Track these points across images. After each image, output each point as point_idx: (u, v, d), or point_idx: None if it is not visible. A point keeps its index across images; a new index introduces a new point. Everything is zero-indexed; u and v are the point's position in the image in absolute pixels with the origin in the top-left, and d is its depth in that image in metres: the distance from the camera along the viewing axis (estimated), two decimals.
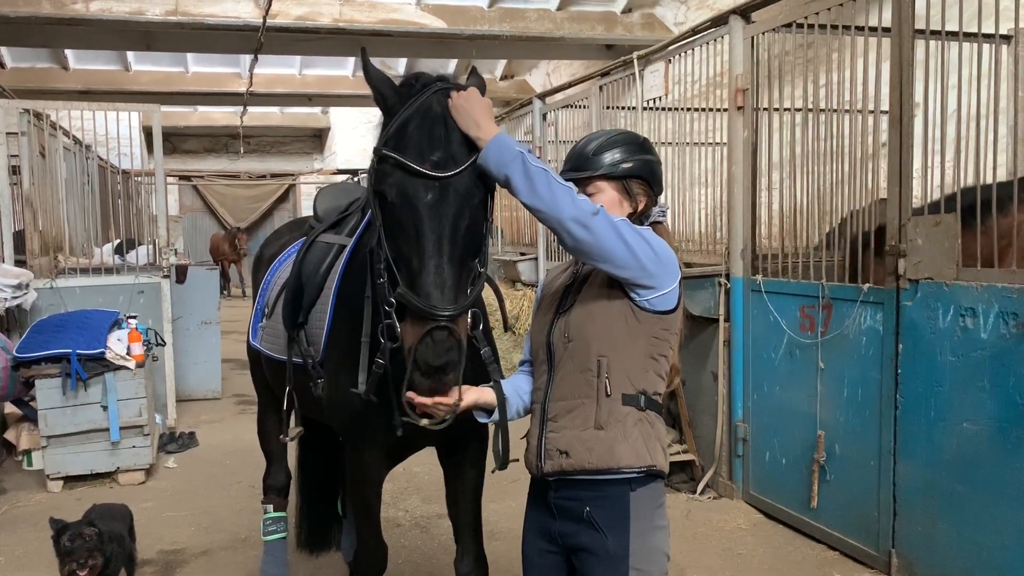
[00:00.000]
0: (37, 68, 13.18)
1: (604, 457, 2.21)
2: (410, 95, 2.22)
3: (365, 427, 2.85)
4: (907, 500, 4.07)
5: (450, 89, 2.23)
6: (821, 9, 4.50)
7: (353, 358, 2.85)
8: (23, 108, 7.09)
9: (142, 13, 9.10)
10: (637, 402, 2.24)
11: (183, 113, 20.38)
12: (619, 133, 2.45)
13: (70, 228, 8.00)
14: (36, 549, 4.70)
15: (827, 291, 4.51)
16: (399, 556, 4.53)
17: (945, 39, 3.98)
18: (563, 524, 2.31)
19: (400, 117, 2.17)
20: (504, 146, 2.08)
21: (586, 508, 2.25)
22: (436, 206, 2.10)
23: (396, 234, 2.16)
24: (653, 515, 2.27)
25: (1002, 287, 3.56)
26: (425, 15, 10.01)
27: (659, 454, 2.27)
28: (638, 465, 2.22)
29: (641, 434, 2.24)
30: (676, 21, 10.29)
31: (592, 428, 2.24)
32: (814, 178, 4.80)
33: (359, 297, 2.85)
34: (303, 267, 3.19)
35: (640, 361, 2.25)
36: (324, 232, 3.31)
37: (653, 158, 2.39)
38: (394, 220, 2.15)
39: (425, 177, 2.10)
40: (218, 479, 6.07)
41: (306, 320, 3.12)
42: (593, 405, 2.24)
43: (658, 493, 2.30)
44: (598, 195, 2.32)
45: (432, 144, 2.13)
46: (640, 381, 2.25)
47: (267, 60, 11.89)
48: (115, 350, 5.91)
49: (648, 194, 2.37)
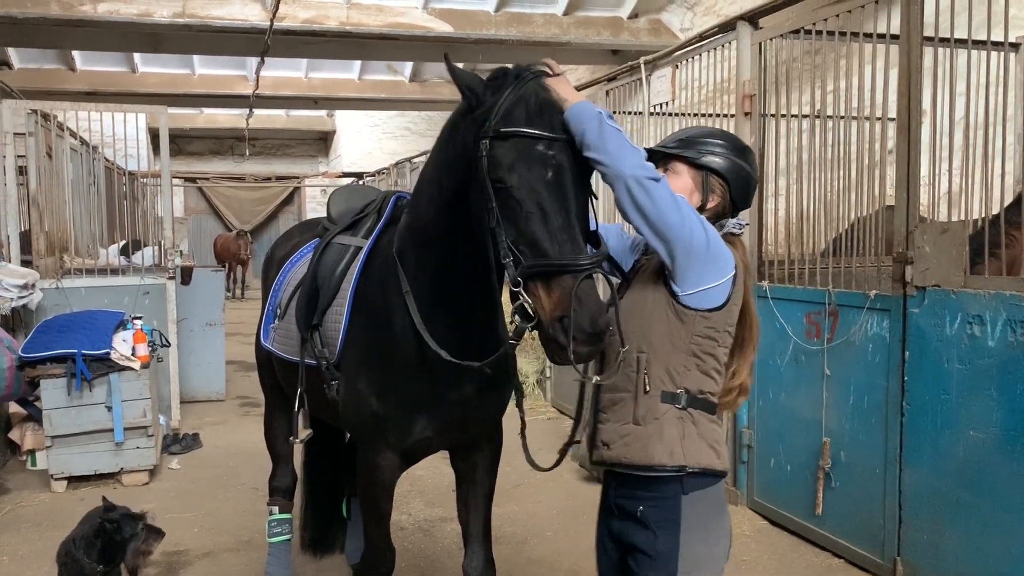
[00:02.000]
0: (44, 69, 13.23)
1: (639, 453, 2.25)
2: (505, 85, 2.26)
3: (381, 430, 2.85)
4: (913, 508, 4.06)
5: (542, 75, 2.29)
6: (829, 16, 4.50)
7: (370, 359, 2.86)
8: (30, 109, 7.11)
9: (149, 15, 9.12)
10: (677, 400, 2.25)
11: (189, 115, 20.43)
12: (727, 133, 2.46)
13: (76, 229, 8.03)
14: (39, 549, 4.70)
15: (833, 298, 4.50)
16: (402, 559, 4.49)
17: (954, 46, 3.97)
18: (621, 523, 2.35)
19: (504, 104, 2.21)
20: (586, 107, 2.14)
21: (640, 507, 2.28)
22: (560, 169, 2.14)
23: (520, 208, 2.13)
24: (708, 522, 2.29)
25: (1010, 295, 3.55)
26: (432, 19, 10.03)
27: (700, 454, 2.26)
28: (671, 464, 2.23)
29: (679, 432, 2.25)
30: (683, 27, 10.29)
31: (631, 423, 2.28)
32: (821, 184, 4.79)
33: (378, 298, 2.86)
34: (319, 268, 3.19)
35: (682, 359, 2.25)
36: (340, 233, 3.30)
37: (747, 166, 2.37)
38: (517, 195, 2.14)
39: (548, 139, 2.14)
40: (222, 481, 6.07)
41: (321, 322, 3.11)
42: (632, 400, 2.27)
43: (714, 496, 2.31)
44: (673, 176, 2.34)
45: (543, 115, 2.17)
46: (682, 379, 2.25)
47: (273, 62, 11.90)
48: (120, 351, 5.91)
49: (725, 198, 2.36)
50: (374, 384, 2.85)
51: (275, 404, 4.10)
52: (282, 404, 4.04)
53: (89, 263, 7.56)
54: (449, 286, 2.63)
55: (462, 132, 2.37)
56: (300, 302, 3.27)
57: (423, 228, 2.65)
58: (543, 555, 4.68)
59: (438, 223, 2.56)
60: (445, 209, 2.50)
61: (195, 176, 22.95)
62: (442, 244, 2.58)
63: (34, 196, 7.16)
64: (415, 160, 13.23)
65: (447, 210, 2.49)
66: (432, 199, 2.58)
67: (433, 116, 20.14)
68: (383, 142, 20.81)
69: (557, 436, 6.70)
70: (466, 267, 2.52)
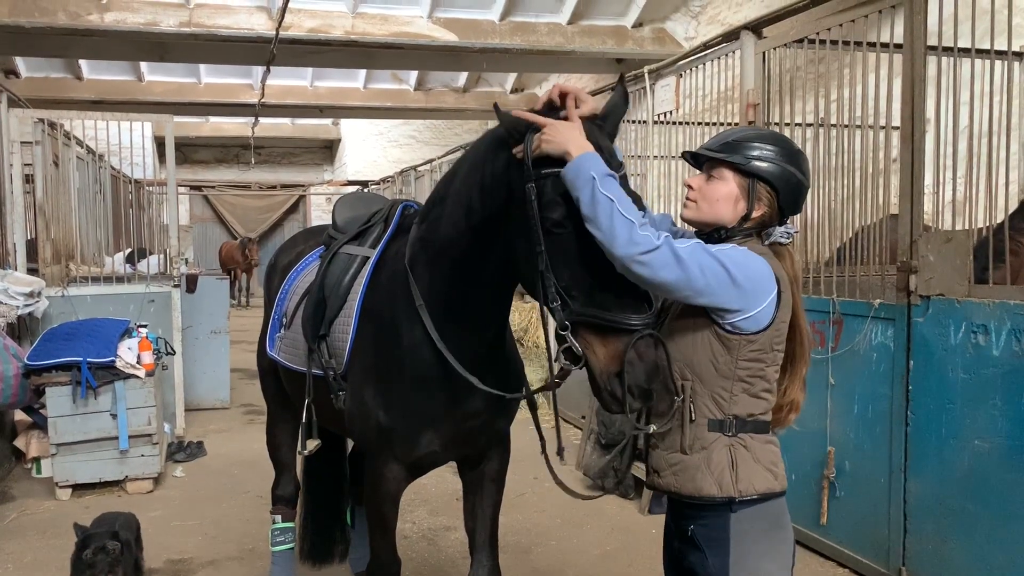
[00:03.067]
0: (51, 78, 13.30)
1: (687, 485, 2.21)
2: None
3: (387, 442, 2.84)
4: (917, 517, 4.04)
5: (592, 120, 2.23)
6: (833, 25, 4.51)
7: (378, 371, 2.86)
8: (37, 118, 7.14)
9: (156, 24, 9.18)
10: (724, 427, 2.18)
11: (195, 123, 20.49)
12: (778, 135, 2.35)
13: (82, 237, 8.06)
14: (44, 557, 4.71)
15: (838, 307, 4.49)
16: (406, 568, 4.48)
17: (957, 55, 3.98)
18: (679, 542, 2.32)
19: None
20: (582, 167, 2.02)
21: (692, 526, 2.24)
22: None
23: (571, 251, 2.08)
24: (762, 538, 2.21)
25: (1014, 304, 3.54)
26: (437, 28, 10.07)
27: (754, 479, 2.19)
28: (720, 496, 2.16)
29: (729, 461, 2.18)
30: (687, 36, 10.32)
31: (678, 452, 2.22)
32: (824, 193, 4.79)
33: (385, 309, 2.86)
34: (326, 278, 3.17)
35: (728, 385, 2.17)
36: (347, 243, 3.29)
37: (797, 172, 2.22)
38: (569, 239, 2.09)
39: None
40: (226, 489, 6.07)
41: (328, 332, 3.09)
42: (679, 429, 2.22)
43: (770, 514, 2.23)
44: (718, 183, 2.23)
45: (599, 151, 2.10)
46: (730, 406, 2.18)
47: (279, 71, 11.95)
48: (125, 359, 5.93)
49: (772, 207, 2.23)
50: (381, 396, 2.83)
51: (278, 414, 4.10)
52: (285, 414, 4.04)
53: (95, 271, 7.59)
54: (463, 302, 2.61)
55: (503, 160, 2.29)
56: (307, 312, 3.25)
57: (442, 244, 2.60)
58: (547, 564, 4.67)
59: (459, 243, 2.52)
60: (470, 232, 2.47)
61: (201, 184, 23.01)
62: (462, 263, 2.55)
63: (40, 204, 7.19)
64: (420, 168, 13.26)
65: (472, 233, 2.46)
66: (457, 220, 2.51)
67: (438, 124, 20.20)
68: (388, 150, 20.86)
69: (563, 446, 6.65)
70: (483, 286, 2.52)
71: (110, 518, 4.06)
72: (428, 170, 12.49)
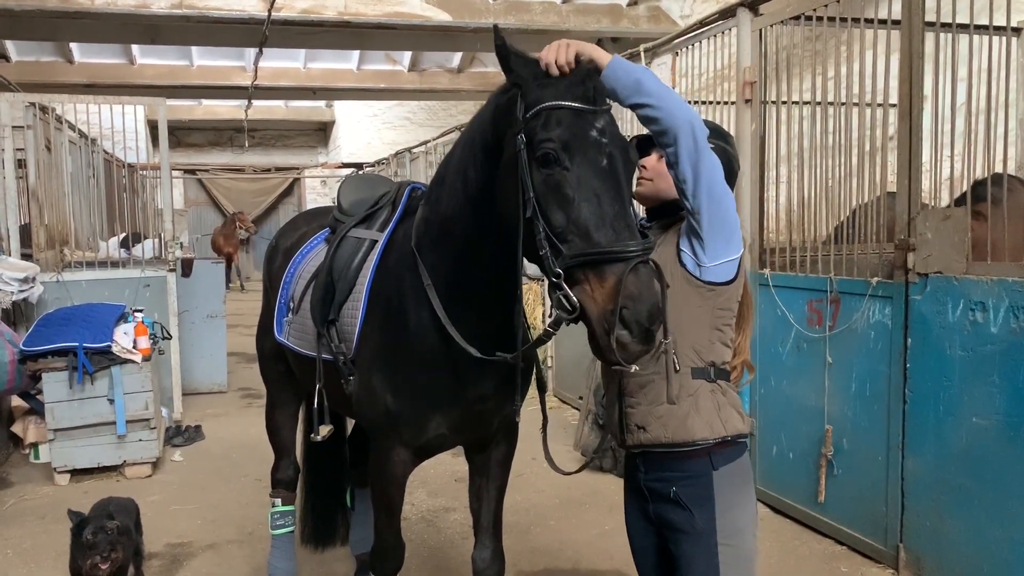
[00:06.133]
0: (42, 62, 13.16)
1: (679, 431, 2.29)
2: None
3: (395, 426, 2.83)
4: (915, 495, 4.06)
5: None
6: (829, 1, 4.47)
7: (386, 354, 2.84)
8: (29, 102, 7.09)
9: (147, 6, 9.08)
10: (707, 374, 2.32)
11: (188, 107, 20.36)
12: (708, 120, 2.48)
13: (76, 222, 8.02)
14: (43, 542, 4.72)
15: (835, 285, 4.49)
16: (406, 550, 4.52)
17: (955, 31, 3.95)
18: (656, 505, 2.40)
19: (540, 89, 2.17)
20: (620, 62, 2.16)
21: (673, 488, 2.33)
22: (602, 146, 2.08)
23: (562, 190, 2.06)
24: (738, 491, 2.34)
25: (1012, 281, 3.54)
26: (430, 8, 9.98)
27: (735, 421, 2.33)
28: (712, 437, 2.29)
29: (714, 405, 2.31)
30: (682, 14, 10.24)
31: (664, 403, 2.30)
32: (822, 171, 4.77)
33: (393, 293, 2.83)
34: (334, 262, 3.13)
35: (705, 334, 2.32)
36: (355, 226, 3.25)
37: (730, 148, 2.44)
38: (558, 177, 2.07)
39: (590, 112, 2.10)
40: (224, 472, 6.08)
41: (337, 316, 3.07)
42: (663, 381, 2.30)
43: (742, 470, 2.37)
44: (659, 167, 2.39)
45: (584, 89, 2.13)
46: (708, 354, 2.32)
47: (272, 53, 11.86)
48: (121, 344, 5.92)
49: None
50: (389, 380, 2.82)
51: (277, 397, 4.08)
52: (285, 397, 4.03)
53: (89, 256, 7.56)
54: (468, 282, 2.59)
55: (494, 124, 2.31)
56: (315, 296, 3.21)
57: (443, 222, 2.59)
58: (546, 544, 4.69)
59: (460, 218, 2.51)
60: (469, 205, 2.46)
61: (194, 168, 22.89)
62: (464, 239, 2.53)
63: (33, 189, 7.15)
64: (415, 150, 13.20)
65: (471, 206, 2.45)
66: (456, 193, 2.51)
67: (432, 106, 20.06)
68: (382, 132, 20.75)
69: (560, 426, 6.71)
70: (487, 263, 2.50)
71: (111, 503, 4.07)
72: (423, 151, 12.44)
